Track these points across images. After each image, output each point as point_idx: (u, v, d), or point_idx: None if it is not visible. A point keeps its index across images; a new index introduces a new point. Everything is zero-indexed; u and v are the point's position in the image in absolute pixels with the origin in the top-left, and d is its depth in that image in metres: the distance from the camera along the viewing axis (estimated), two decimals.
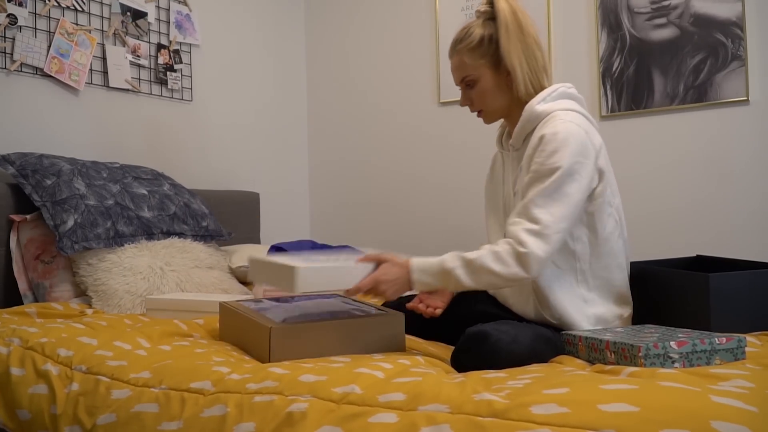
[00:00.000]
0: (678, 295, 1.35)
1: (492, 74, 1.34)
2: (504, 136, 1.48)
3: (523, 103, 1.34)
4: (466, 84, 1.37)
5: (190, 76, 2.54)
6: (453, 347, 1.21)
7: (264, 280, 1.29)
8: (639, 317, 1.42)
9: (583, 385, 0.86)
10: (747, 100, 2.12)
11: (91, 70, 2.17)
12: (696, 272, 1.31)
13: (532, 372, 1.01)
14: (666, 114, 2.27)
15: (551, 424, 0.78)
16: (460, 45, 1.35)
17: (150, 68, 2.38)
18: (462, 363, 1.14)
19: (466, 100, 1.40)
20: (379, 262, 1.24)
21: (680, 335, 1.08)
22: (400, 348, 1.28)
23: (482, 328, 1.15)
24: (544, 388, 0.86)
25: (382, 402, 0.90)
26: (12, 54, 1.95)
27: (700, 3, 2.18)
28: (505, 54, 1.30)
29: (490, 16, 1.33)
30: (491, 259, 1.18)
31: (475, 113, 1.42)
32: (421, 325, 1.47)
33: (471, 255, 1.20)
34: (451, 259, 1.21)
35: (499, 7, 1.31)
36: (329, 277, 1.19)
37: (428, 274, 1.22)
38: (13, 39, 1.95)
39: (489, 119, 1.42)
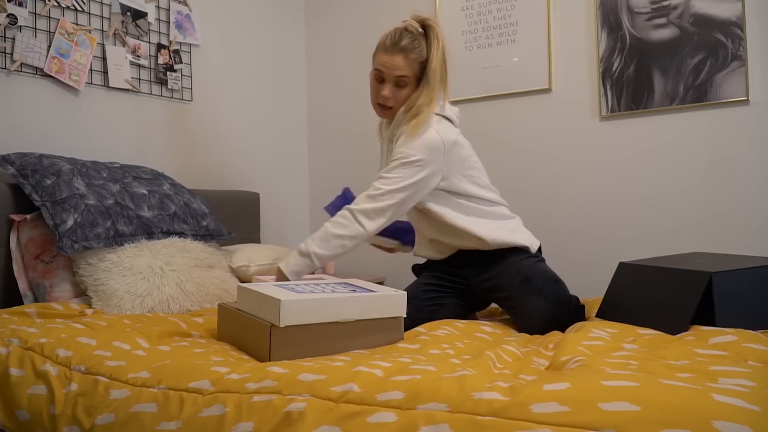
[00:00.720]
0: (680, 294, 1.34)
1: (415, 84, 1.64)
2: (383, 128, 1.77)
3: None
4: (397, 83, 1.62)
5: (190, 76, 2.54)
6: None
7: (250, 309, 1.29)
8: (639, 317, 1.42)
9: (585, 382, 0.85)
10: (747, 100, 2.12)
11: (91, 70, 2.17)
12: (699, 271, 1.31)
13: (534, 373, 1.01)
14: (666, 114, 2.27)
15: (551, 423, 0.78)
16: (411, 53, 1.61)
17: (150, 68, 2.38)
18: (564, 323, 1.47)
19: (390, 93, 1.63)
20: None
21: None
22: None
23: (559, 291, 1.53)
24: (545, 383, 0.86)
25: (380, 401, 0.90)
26: (12, 54, 1.95)
27: (700, 3, 2.18)
28: (432, 76, 1.61)
29: (424, 37, 1.62)
30: (332, 226, 1.53)
31: (380, 106, 1.66)
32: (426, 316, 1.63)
33: (317, 232, 1.55)
34: (303, 244, 1.54)
35: (438, 33, 1.62)
36: (314, 308, 1.21)
37: (294, 266, 1.53)
38: (13, 39, 1.95)
39: (391, 115, 1.68)
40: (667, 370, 0.95)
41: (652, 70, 2.27)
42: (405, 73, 1.60)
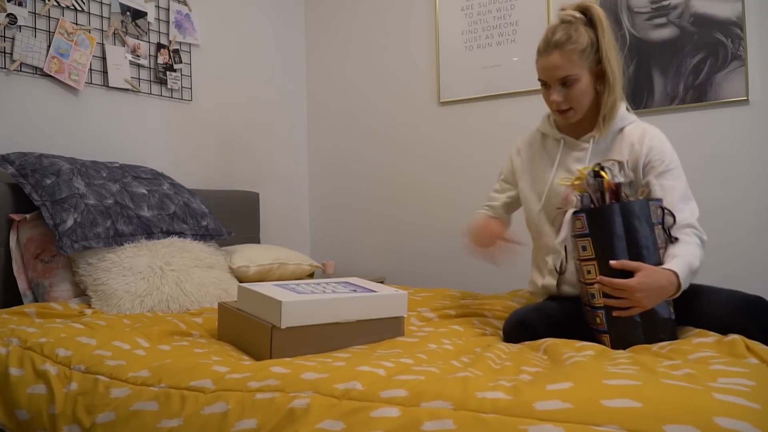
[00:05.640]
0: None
1: (590, 77, 1.45)
2: (565, 127, 1.57)
3: (596, 107, 1.49)
4: (563, 83, 1.44)
5: (190, 76, 2.54)
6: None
7: (251, 309, 1.29)
8: None
9: (587, 380, 0.86)
10: (747, 100, 2.12)
11: (90, 69, 2.17)
12: None
13: (536, 366, 1.01)
14: (666, 114, 2.27)
15: (554, 420, 0.78)
16: (568, 45, 1.42)
17: (150, 68, 2.37)
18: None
19: (560, 96, 1.46)
20: (632, 269, 1.22)
21: None
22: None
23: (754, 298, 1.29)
24: (548, 383, 0.86)
25: (383, 398, 0.90)
26: (12, 54, 1.95)
27: (700, 3, 2.18)
28: (605, 59, 1.42)
29: (586, 23, 1.45)
30: (701, 249, 1.34)
31: (560, 110, 1.48)
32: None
33: (693, 249, 1.30)
34: (692, 257, 1.29)
35: (598, 13, 1.44)
36: (315, 309, 1.20)
37: (689, 279, 1.27)
38: (13, 39, 1.95)
39: (575, 117, 1.49)
40: (667, 371, 0.95)
41: (652, 70, 2.27)
42: (568, 72, 1.41)
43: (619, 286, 1.19)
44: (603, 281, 1.22)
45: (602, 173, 1.29)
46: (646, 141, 1.45)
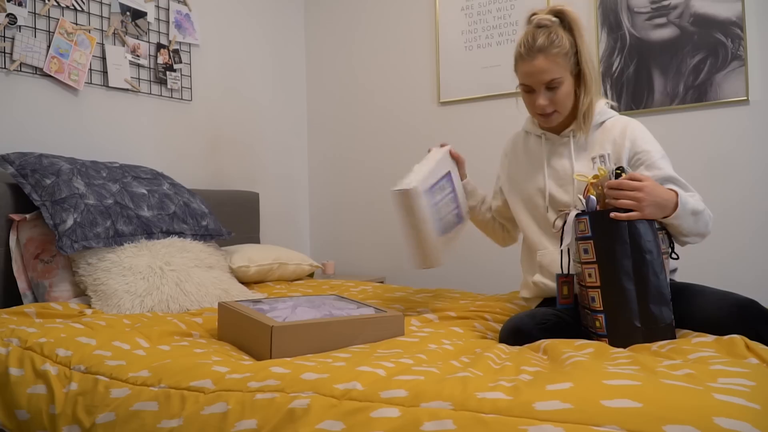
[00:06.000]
0: None
1: (571, 80, 1.47)
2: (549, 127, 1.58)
3: (574, 107, 1.51)
4: (548, 87, 1.45)
5: (190, 76, 2.54)
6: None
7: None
8: None
9: (587, 380, 0.86)
10: (747, 100, 2.12)
11: (90, 69, 2.17)
12: None
13: (536, 366, 1.01)
14: (666, 114, 2.27)
15: (554, 420, 0.78)
16: (552, 49, 1.43)
17: (149, 68, 2.37)
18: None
19: (546, 100, 1.46)
20: (633, 178, 1.25)
21: None
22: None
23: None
24: (548, 383, 0.86)
25: (384, 398, 0.90)
26: (12, 54, 1.95)
27: (700, 3, 2.18)
28: (584, 61, 1.45)
29: (562, 26, 1.46)
30: (708, 212, 1.37)
31: (546, 113, 1.49)
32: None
33: (695, 196, 1.36)
34: (692, 199, 1.33)
35: (574, 17, 1.45)
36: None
37: (688, 210, 1.30)
38: (13, 39, 1.95)
39: (558, 120, 1.51)
40: (667, 371, 0.95)
41: (652, 70, 2.27)
42: (553, 76, 1.42)
43: (629, 185, 1.22)
44: (611, 184, 1.24)
45: (623, 175, 1.29)
46: (628, 134, 1.47)
